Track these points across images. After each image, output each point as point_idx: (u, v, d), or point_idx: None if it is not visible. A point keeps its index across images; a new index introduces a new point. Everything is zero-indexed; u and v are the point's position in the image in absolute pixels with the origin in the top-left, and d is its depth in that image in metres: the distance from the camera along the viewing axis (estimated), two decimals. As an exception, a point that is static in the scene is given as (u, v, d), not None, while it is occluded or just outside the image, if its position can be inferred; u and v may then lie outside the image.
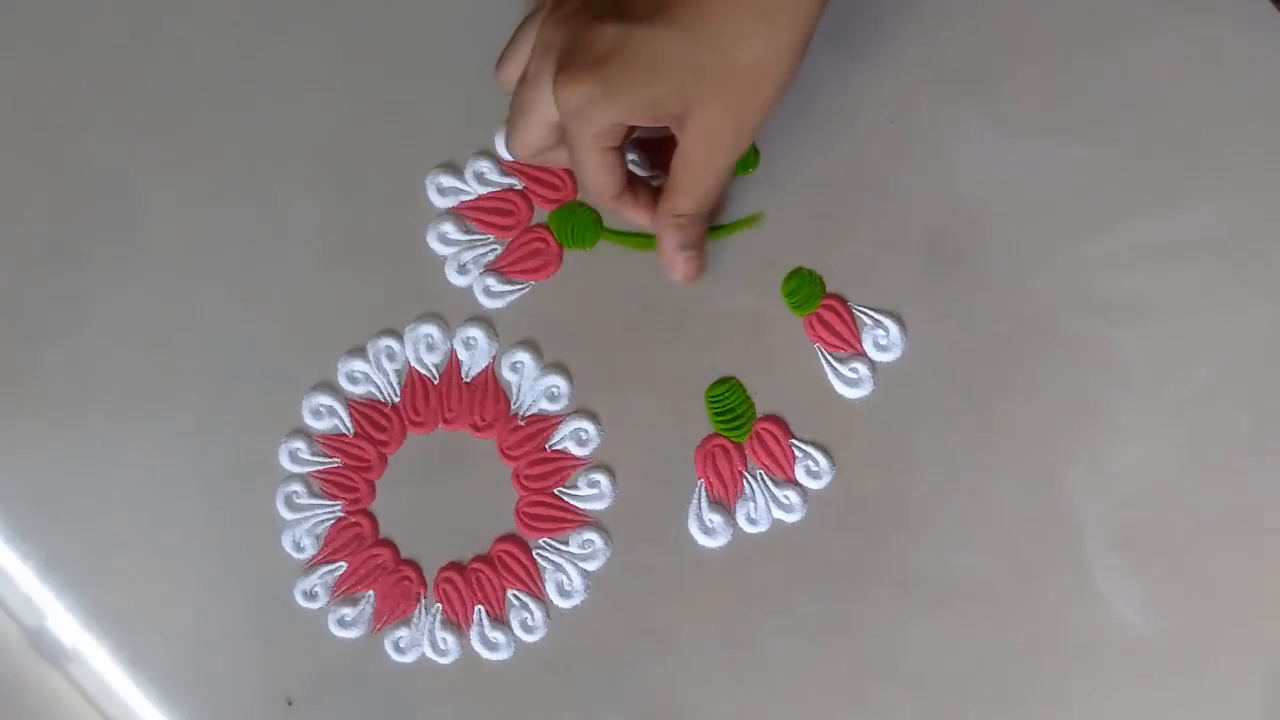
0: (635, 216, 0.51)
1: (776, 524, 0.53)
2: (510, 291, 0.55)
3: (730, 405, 0.53)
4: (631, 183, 0.51)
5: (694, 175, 0.49)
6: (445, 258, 0.55)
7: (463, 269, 0.55)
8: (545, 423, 0.54)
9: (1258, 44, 0.54)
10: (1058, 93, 0.54)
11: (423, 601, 0.54)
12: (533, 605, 0.53)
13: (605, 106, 0.46)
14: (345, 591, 0.54)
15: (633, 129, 0.48)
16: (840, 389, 0.53)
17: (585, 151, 0.48)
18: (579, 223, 0.55)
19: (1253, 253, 0.53)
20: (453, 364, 0.54)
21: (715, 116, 0.47)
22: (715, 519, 0.53)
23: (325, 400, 0.54)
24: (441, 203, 0.55)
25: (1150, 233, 0.53)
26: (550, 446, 0.54)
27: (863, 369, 0.53)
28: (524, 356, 0.54)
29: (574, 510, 0.54)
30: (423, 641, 0.53)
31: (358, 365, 0.54)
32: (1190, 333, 0.53)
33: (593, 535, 0.53)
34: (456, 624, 0.53)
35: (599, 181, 0.49)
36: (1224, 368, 0.53)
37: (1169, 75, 0.54)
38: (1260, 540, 0.52)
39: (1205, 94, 0.54)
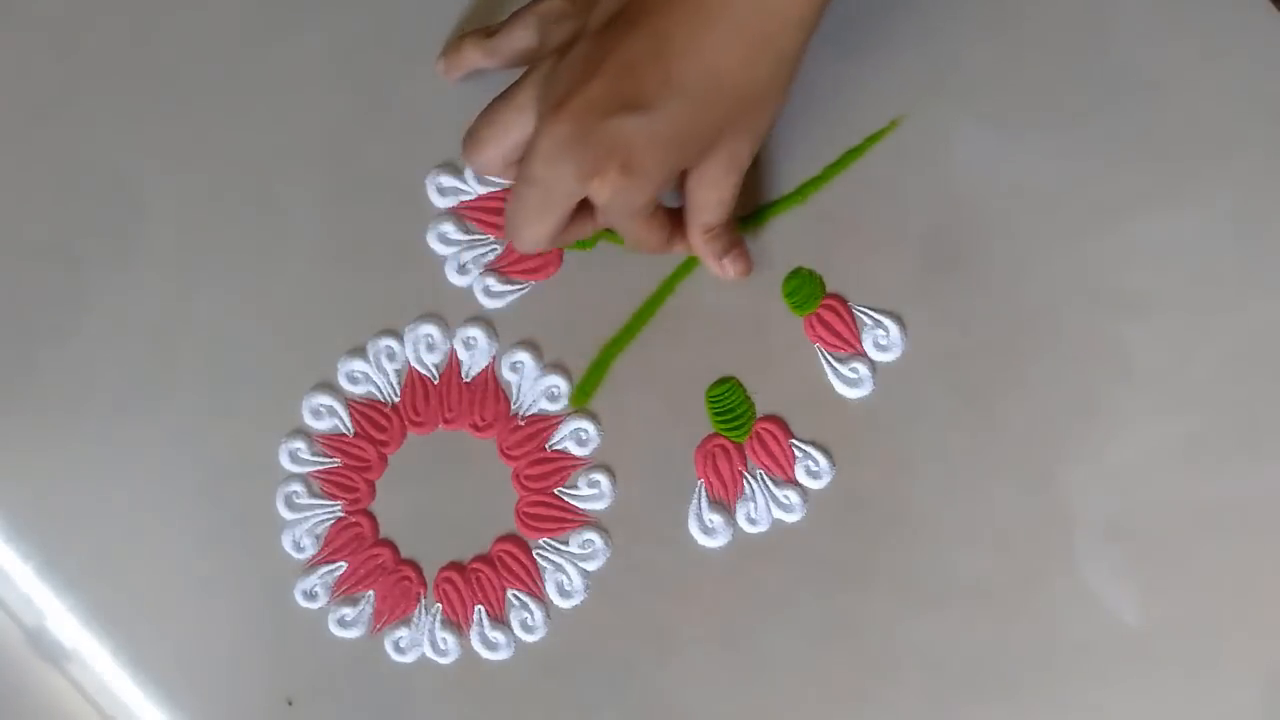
0: (682, 249, 0.52)
1: (776, 524, 0.53)
2: (510, 291, 0.55)
3: (730, 405, 0.53)
4: (668, 221, 0.51)
5: (713, 191, 0.50)
6: (445, 258, 0.55)
7: (463, 269, 0.55)
8: (545, 423, 0.54)
9: (1258, 42, 0.54)
10: (1058, 92, 0.54)
11: (423, 601, 0.54)
12: (533, 605, 0.53)
13: (639, 192, 0.47)
14: (345, 591, 0.54)
15: None
16: (840, 389, 0.53)
17: (629, 224, 0.50)
18: (579, 223, 0.55)
19: (1256, 249, 0.53)
20: (453, 364, 0.54)
21: (733, 145, 0.49)
22: (715, 519, 0.53)
23: (325, 400, 0.54)
24: (441, 203, 0.55)
25: (1151, 230, 0.53)
26: (550, 446, 0.54)
27: (863, 369, 0.53)
28: (524, 356, 0.54)
29: (574, 510, 0.54)
30: (423, 641, 0.53)
31: (358, 365, 0.54)
32: (1191, 330, 0.53)
33: (593, 535, 0.53)
34: (456, 624, 0.53)
35: (648, 242, 0.51)
36: (1226, 364, 0.53)
37: (1170, 74, 0.54)
38: (1259, 538, 0.52)
39: (1206, 92, 0.54)
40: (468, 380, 0.54)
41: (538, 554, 0.54)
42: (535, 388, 0.54)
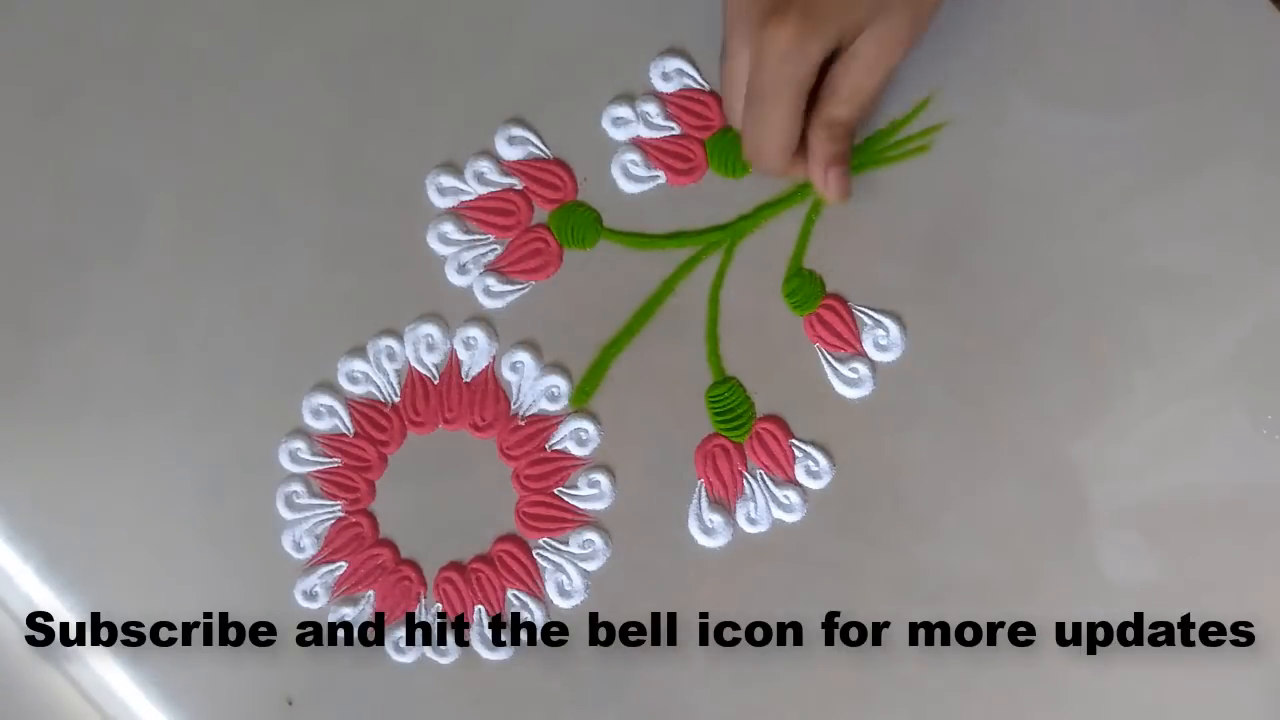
0: (800, 173, 0.51)
1: (776, 524, 0.53)
2: (510, 291, 0.55)
3: (730, 405, 0.53)
4: (799, 140, 0.50)
5: (858, 78, 0.49)
6: (445, 258, 0.55)
7: (463, 269, 0.55)
8: (545, 423, 0.54)
9: (1258, 42, 0.54)
10: (1058, 92, 0.54)
11: (423, 601, 0.54)
12: (533, 605, 0.53)
13: (816, 39, 0.47)
14: (345, 591, 0.54)
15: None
16: (840, 389, 0.53)
17: (786, 100, 0.48)
18: (579, 223, 0.55)
19: (1257, 250, 0.53)
20: (453, 364, 0.54)
21: (899, 17, 0.48)
22: (715, 519, 0.53)
23: (325, 400, 0.54)
24: (441, 203, 0.55)
25: (1151, 230, 0.53)
26: (550, 446, 0.54)
27: (863, 369, 0.53)
28: (524, 356, 0.54)
29: (574, 510, 0.54)
30: (422, 641, 0.53)
31: (358, 365, 0.54)
32: (1194, 331, 0.53)
33: (593, 535, 0.53)
34: (456, 624, 0.53)
35: (789, 134, 0.49)
36: (1233, 354, 0.53)
37: (1169, 74, 0.54)
38: (1263, 534, 0.52)
39: (1206, 92, 0.54)
40: (468, 380, 0.54)
41: (538, 554, 0.54)
42: (535, 388, 0.54)
